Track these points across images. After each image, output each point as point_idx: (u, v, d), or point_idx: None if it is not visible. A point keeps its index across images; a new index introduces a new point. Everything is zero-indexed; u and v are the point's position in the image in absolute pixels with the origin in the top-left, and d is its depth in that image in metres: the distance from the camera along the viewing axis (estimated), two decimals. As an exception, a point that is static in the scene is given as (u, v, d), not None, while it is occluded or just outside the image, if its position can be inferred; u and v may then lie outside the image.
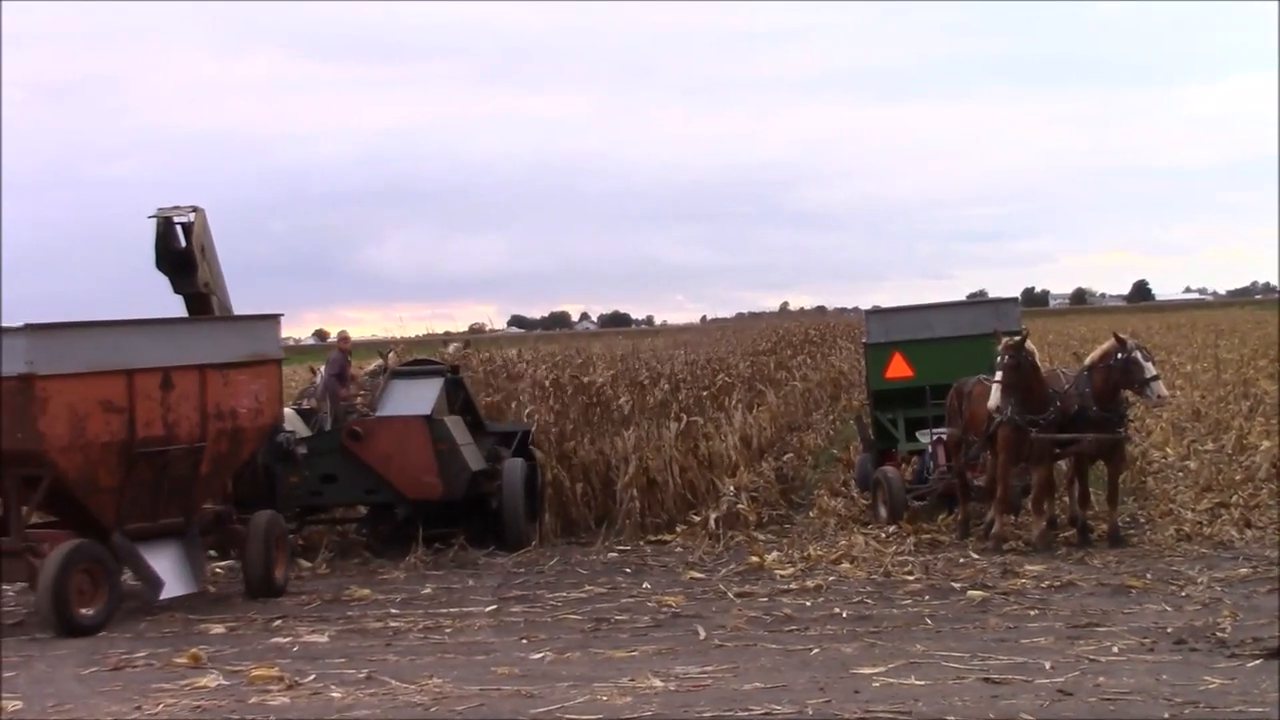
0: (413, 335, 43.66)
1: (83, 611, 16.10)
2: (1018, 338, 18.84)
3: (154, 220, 19.51)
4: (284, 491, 20.48)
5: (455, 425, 21.02)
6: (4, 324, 16.37)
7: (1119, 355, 18.58)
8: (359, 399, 21.95)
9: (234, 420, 17.77)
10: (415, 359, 23.79)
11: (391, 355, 23.89)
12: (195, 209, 19.51)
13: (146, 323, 17.75)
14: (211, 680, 13.37)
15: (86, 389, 16.36)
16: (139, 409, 16.73)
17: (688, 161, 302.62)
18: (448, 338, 33.21)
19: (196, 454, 17.35)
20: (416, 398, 21.11)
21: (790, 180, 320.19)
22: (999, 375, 18.49)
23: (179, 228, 19.56)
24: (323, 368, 22.50)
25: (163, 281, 19.67)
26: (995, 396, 18.48)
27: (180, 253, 19.52)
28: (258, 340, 18.32)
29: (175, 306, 19.67)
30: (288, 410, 20.81)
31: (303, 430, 21.07)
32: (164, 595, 17.14)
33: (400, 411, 20.88)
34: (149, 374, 16.85)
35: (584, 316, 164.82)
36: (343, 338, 23.20)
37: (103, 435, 16.50)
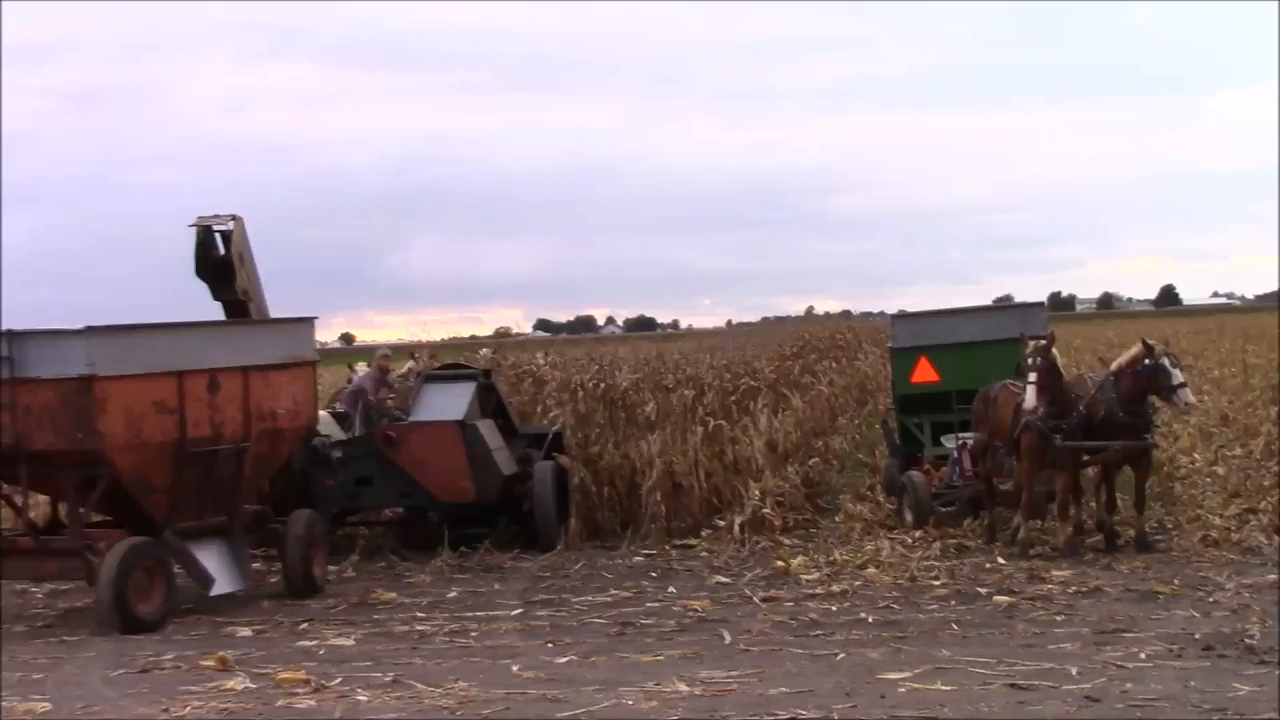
0: (439, 339, 43.77)
1: (142, 608, 16.41)
2: (1044, 341, 18.79)
3: (194, 229, 19.77)
4: (320, 494, 20.65)
5: (488, 430, 21.14)
6: (63, 327, 16.71)
7: (1146, 361, 18.49)
8: (391, 402, 22.05)
9: (274, 421, 18.13)
10: (448, 363, 23.89)
11: (422, 359, 24.00)
12: (234, 218, 19.81)
13: (194, 325, 18.33)
14: (238, 683, 13.42)
15: (142, 390, 16.74)
16: (189, 410, 17.10)
17: (715, 168, 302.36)
18: (474, 341, 33.40)
19: (240, 454, 17.70)
20: (450, 403, 21.20)
21: (818, 187, 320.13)
22: (1032, 376, 18.41)
23: (218, 236, 19.85)
24: (359, 368, 22.64)
25: (197, 287, 19.95)
26: (1030, 397, 18.37)
27: (219, 260, 19.82)
28: (294, 342, 18.70)
29: (206, 312, 19.91)
30: (322, 414, 21.12)
31: (338, 434, 21.36)
32: (213, 592, 17.44)
33: (434, 416, 21.01)
34: (197, 376, 17.23)
35: (610, 320, 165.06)
36: (383, 356, 23.46)
37: (156, 436, 16.87)
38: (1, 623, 17.00)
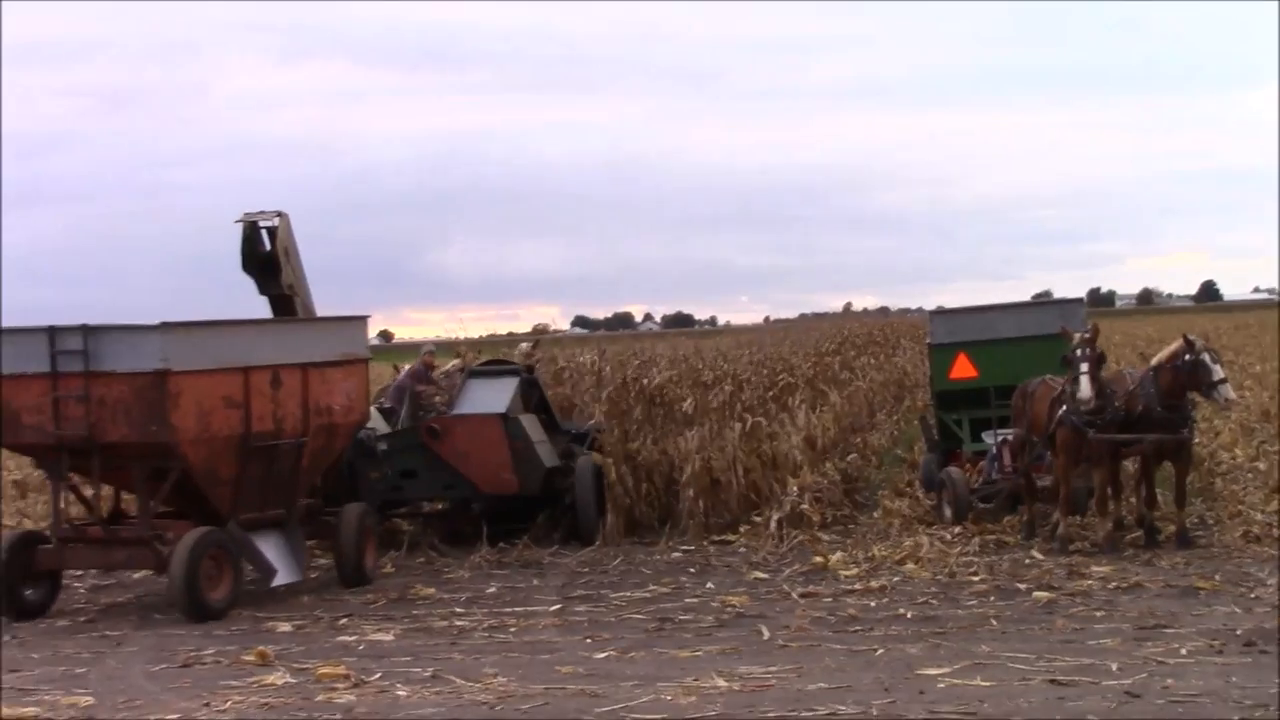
0: (476, 336, 43.85)
1: (212, 596, 16.85)
2: (1088, 334, 18.72)
3: (240, 225, 20.08)
4: (366, 486, 20.99)
5: (530, 423, 21.45)
6: (139, 322, 17.16)
7: (1186, 357, 18.42)
8: (437, 398, 22.37)
9: (330, 416, 18.59)
10: (491, 359, 24.19)
11: (468, 356, 24.22)
12: (280, 214, 20.08)
13: (259, 322, 19.12)
14: (279, 678, 13.49)
15: (212, 385, 17.20)
16: (254, 405, 17.55)
17: (752, 164, 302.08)
18: (512, 338, 33.60)
19: (299, 448, 18.16)
20: (493, 397, 21.55)
21: (856, 184, 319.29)
22: (1083, 367, 18.35)
23: (264, 232, 20.12)
24: (405, 368, 23.10)
25: (238, 284, 20.16)
26: (1085, 388, 18.30)
27: (265, 256, 20.10)
28: (348, 340, 19.19)
29: (246, 309, 20.10)
30: (371, 409, 21.30)
31: (383, 428, 21.70)
32: (274, 583, 17.83)
33: (477, 410, 21.37)
34: (261, 371, 17.69)
35: (647, 317, 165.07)
36: (429, 352, 23.77)
37: (224, 430, 17.31)
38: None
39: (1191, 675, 12.24)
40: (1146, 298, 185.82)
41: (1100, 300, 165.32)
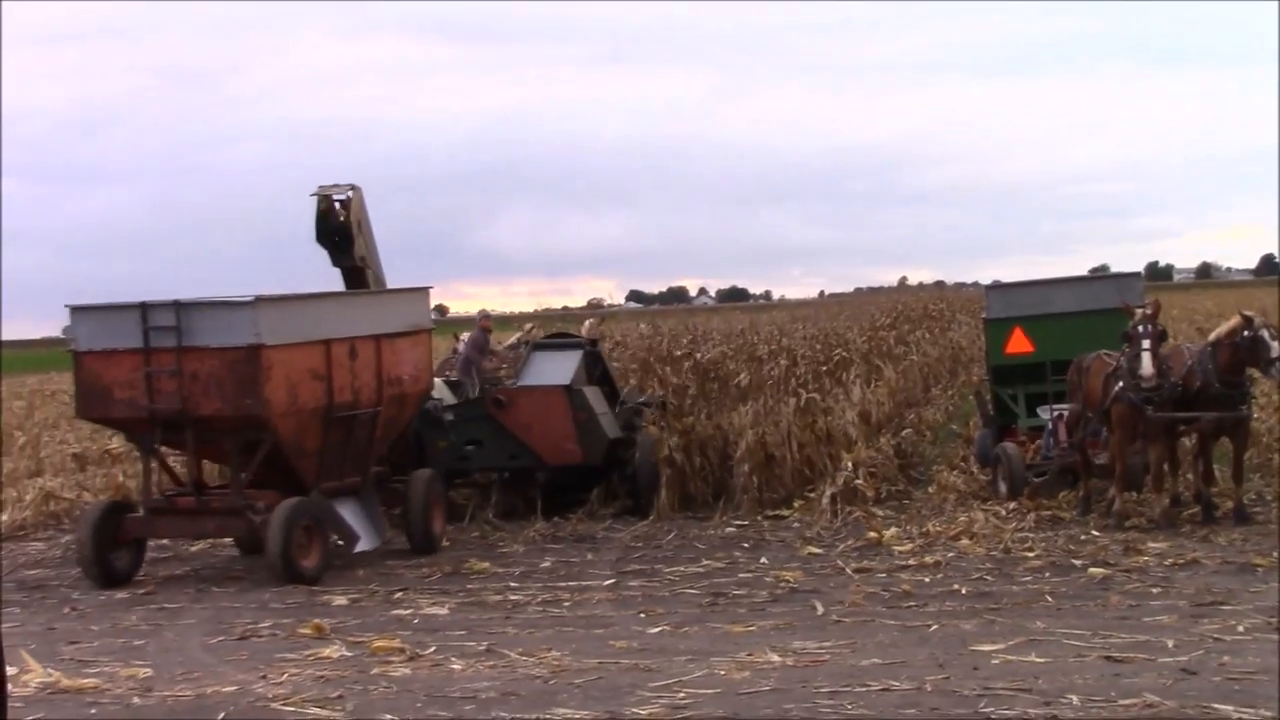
0: (530, 310, 44.05)
1: (304, 563, 17.35)
2: (1149, 309, 18.59)
3: (315, 198, 20.46)
4: (433, 455, 21.37)
5: (594, 395, 21.87)
6: (231, 298, 17.75)
7: (1245, 333, 18.27)
8: (501, 371, 22.93)
9: (400, 386, 19.20)
10: (555, 332, 24.68)
11: (533, 330, 24.53)
12: (353, 187, 20.56)
13: (337, 295, 19.87)
14: (334, 651, 13.59)
15: (299, 358, 17.73)
16: (335, 376, 18.09)
17: (805, 140, 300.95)
18: (566, 313, 34.13)
19: (374, 418, 18.71)
20: (557, 369, 22.04)
21: (910, 159, 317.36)
22: (1145, 344, 18.22)
23: (338, 205, 20.50)
24: (463, 339, 23.35)
25: (291, 258, 20.56)
26: (1146, 364, 18.17)
27: (339, 228, 20.47)
28: (414, 312, 19.76)
29: (301, 285, 20.30)
30: (435, 380, 21.76)
31: (449, 399, 22.12)
32: (357, 549, 18.33)
33: (541, 381, 21.84)
34: (341, 344, 18.25)
35: (702, 291, 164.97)
36: (484, 316, 24.12)
37: (310, 402, 17.86)
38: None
39: (1248, 652, 12.16)
40: (1205, 271, 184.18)
41: (1158, 274, 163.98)
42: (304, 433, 17.80)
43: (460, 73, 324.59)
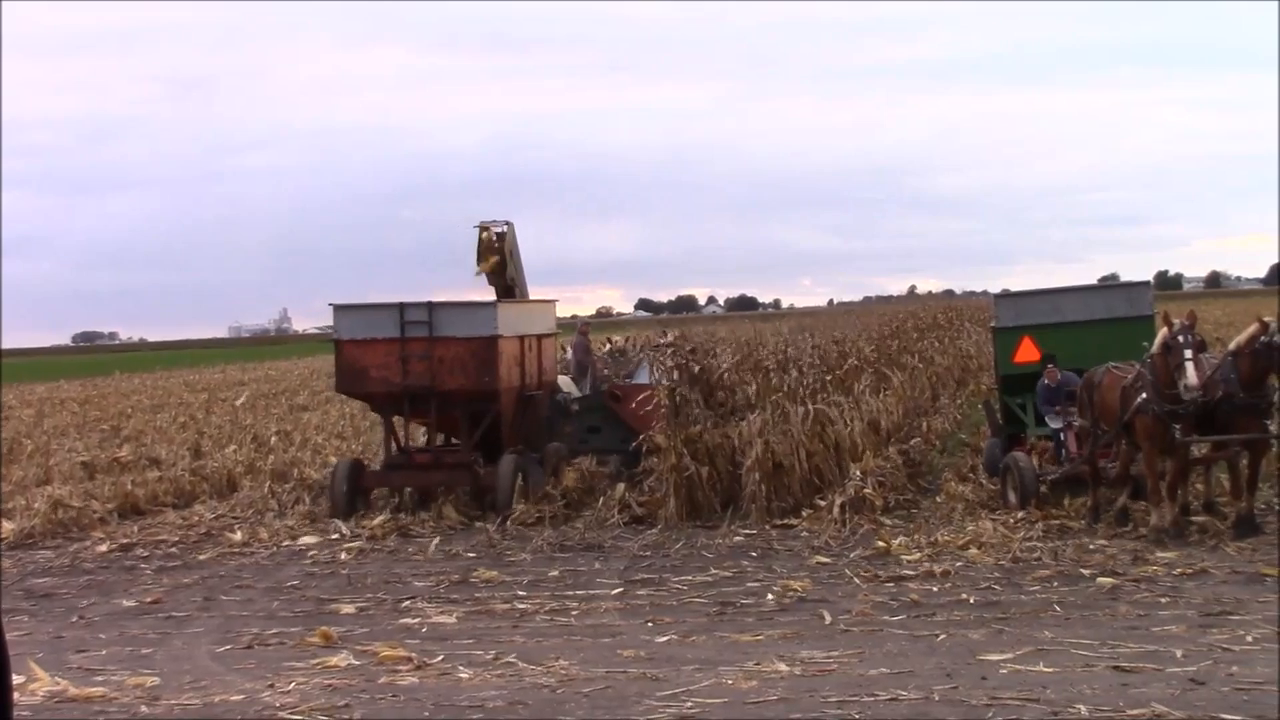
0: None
1: (518, 508, 21.90)
2: (1186, 320, 18.36)
3: (476, 229, 25.40)
4: (560, 437, 25.65)
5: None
6: (474, 299, 24.01)
7: (1263, 339, 18.11)
8: (606, 370, 28.42)
9: (546, 375, 24.98)
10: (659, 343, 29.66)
11: (631, 340, 32.04)
12: (508, 223, 25.63)
13: (522, 302, 24.96)
14: (342, 659, 13.59)
15: (513, 348, 23.41)
16: (526, 364, 23.80)
17: (815, 148, 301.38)
18: (574, 321, 36.04)
19: (537, 399, 24.38)
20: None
21: (919, 167, 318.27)
22: (1188, 353, 17.93)
23: (494, 235, 25.36)
24: (569, 348, 28.50)
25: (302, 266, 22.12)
26: (1190, 375, 17.88)
27: (496, 252, 25.29)
28: (548, 319, 25.56)
29: (309, 291, 21.20)
30: (562, 378, 26.96)
31: (575, 392, 26.92)
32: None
33: (650, 380, 26.00)
34: (530, 340, 24.06)
35: (711, 300, 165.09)
36: (583, 324, 29.72)
37: (516, 381, 23.56)
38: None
39: (1257, 663, 12.14)
40: (1214, 280, 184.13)
41: (1167, 283, 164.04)
42: (512, 406, 23.28)
43: (473, 81, 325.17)
